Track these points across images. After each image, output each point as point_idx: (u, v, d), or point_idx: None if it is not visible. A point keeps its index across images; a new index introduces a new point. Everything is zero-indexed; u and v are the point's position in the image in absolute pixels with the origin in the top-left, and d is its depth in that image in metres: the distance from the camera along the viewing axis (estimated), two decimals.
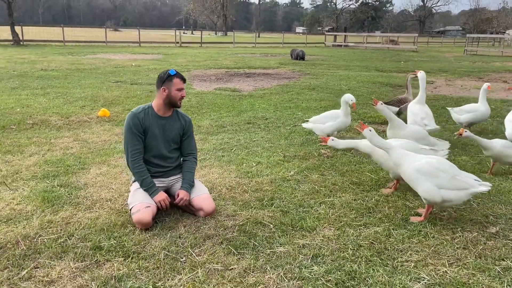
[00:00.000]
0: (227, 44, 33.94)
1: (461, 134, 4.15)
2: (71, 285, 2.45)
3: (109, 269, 2.61)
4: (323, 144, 4.05)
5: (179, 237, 3.03)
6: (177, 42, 30.23)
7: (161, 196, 3.30)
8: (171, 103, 3.38)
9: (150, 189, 3.29)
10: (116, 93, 9.04)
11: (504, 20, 63.64)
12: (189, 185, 3.43)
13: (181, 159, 3.62)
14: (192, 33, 45.96)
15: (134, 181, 3.43)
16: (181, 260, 2.74)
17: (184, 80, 3.37)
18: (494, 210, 3.60)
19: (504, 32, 50.89)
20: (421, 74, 5.73)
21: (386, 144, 3.54)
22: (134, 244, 2.90)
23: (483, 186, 3.22)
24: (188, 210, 3.44)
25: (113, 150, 5.11)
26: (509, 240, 3.10)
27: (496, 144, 4.39)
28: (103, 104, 7.84)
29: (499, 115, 7.57)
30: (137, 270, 2.61)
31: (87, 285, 2.45)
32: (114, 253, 2.79)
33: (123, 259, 2.73)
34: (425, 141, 4.49)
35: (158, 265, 2.67)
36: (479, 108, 6.08)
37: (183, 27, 40.87)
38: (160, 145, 3.43)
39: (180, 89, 3.34)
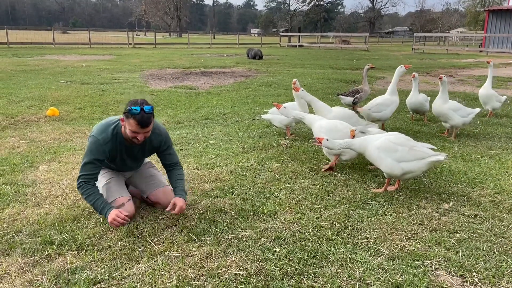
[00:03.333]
0: (182, 45, 33.50)
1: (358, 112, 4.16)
2: (20, 280, 2.29)
3: (61, 263, 2.46)
4: (317, 144, 3.74)
5: (137, 227, 2.92)
6: (130, 43, 29.48)
7: (113, 213, 2.86)
8: (126, 137, 2.96)
9: (103, 209, 2.89)
10: (66, 92, 8.66)
11: (448, 21, 67.13)
12: (184, 192, 3.11)
13: (165, 170, 3.26)
14: (145, 35, 45.00)
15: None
16: (139, 249, 2.63)
17: (143, 125, 2.75)
18: (446, 189, 3.74)
19: (449, 32, 53.66)
20: (400, 69, 5.87)
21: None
22: (88, 237, 2.76)
23: (440, 156, 3.45)
24: (146, 202, 3.32)
25: (64, 148, 4.87)
26: (461, 214, 3.23)
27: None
28: (52, 103, 7.47)
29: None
30: (92, 262, 2.48)
31: (37, 280, 2.29)
32: (66, 247, 2.64)
33: (76, 252, 2.58)
34: (352, 121, 4.60)
35: (115, 256, 2.55)
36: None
37: (136, 28, 39.88)
38: (128, 164, 3.16)
39: (134, 132, 2.80)
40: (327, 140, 3.69)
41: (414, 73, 6.36)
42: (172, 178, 3.19)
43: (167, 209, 2.96)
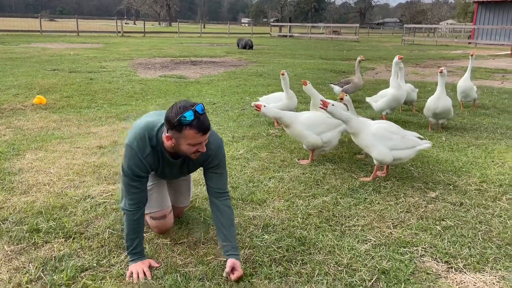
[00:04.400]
0: (171, 34, 33.14)
1: (342, 98, 3.91)
2: (6, 267, 2.27)
3: (48, 250, 2.45)
4: (256, 110, 3.79)
5: None
6: (119, 32, 29.08)
7: (140, 266, 2.27)
8: (181, 154, 2.29)
9: (134, 254, 2.30)
10: (53, 80, 8.53)
11: (437, 12, 67.39)
12: (235, 248, 2.31)
13: (210, 199, 2.43)
14: (134, 23, 44.42)
15: None
16: None
17: (205, 130, 2.12)
18: (433, 178, 3.79)
19: (438, 23, 53.88)
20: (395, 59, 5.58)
21: (346, 115, 3.60)
22: (76, 225, 2.74)
23: (427, 143, 3.63)
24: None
25: (51, 136, 4.81)
26: (447, 202, 3.27)
27: None
28: (39, 91, 7.36)
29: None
30: (79, 250, 2.46)
31: (24, 267, 2.27)
32: (53, 234, 2.62)
33: (63, 240, 2.57)
34: (320, 129, 4.54)
35: (103, 244, 2.54)
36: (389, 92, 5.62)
37: (125, 17, 39.31)
38: (168, 178, 2.66)
39: (195, 144, 2.16)
40: (264, 106, 3.83)
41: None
42: (221, 219, 2.34)
43: (226, 270, 2.24)
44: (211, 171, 2.39)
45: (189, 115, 2.06)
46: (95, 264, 2.32)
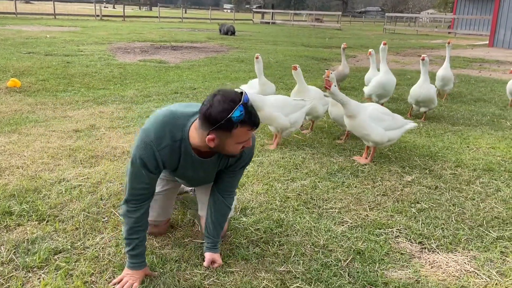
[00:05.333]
0: (152, 18, 32.50)
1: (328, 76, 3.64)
2: None
3: (20, 233, 2.39)
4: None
5: (101, 199, 2.86)
6: (97, 16, 28.38)
7: (137, 274, 2.02)
8: (223, 153, 2.01)
9: (133, 257, 2.02)
10: (28, 63, 8.28)
11: (418, 1, 67.91)
12: (215, 244, 2.22)
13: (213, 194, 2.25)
14: (114, 7, 43.36)
15: None
16: (103, 220, 2.59)
17: (257, 124, 1.86)
18: (410, 162, 3.85)
19: (419, 13, 54.36)
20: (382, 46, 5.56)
21: (345, 98, 3.62)
22: (50, 208, 2.69)
23: (412, 123, 3.82)
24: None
25: (25, 120, 4.69)
26: (423, 186, 3.33)
27: None
28: (13, 74, 7.14)
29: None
30: (53, 233, 2.42)
31: None
32: (26, 217, 2.56)
33: (37, 222, 2.51)
34: (322, 101, 4.57)
35: (77, 226, 2.50)
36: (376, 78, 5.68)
37: (104, 0, 38.33)
38: (190, 182, 2.36)
39: (245, 141, 1.90)
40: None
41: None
42: (213, 214, 2.21)
43: (204, 264, 2.17)
44: (232, 169, 2.14)
45: (239, 112, 1.76)
46: (69, 247, 2.28)
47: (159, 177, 2.12)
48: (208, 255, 2.19)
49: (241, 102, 1.77)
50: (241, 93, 1.81)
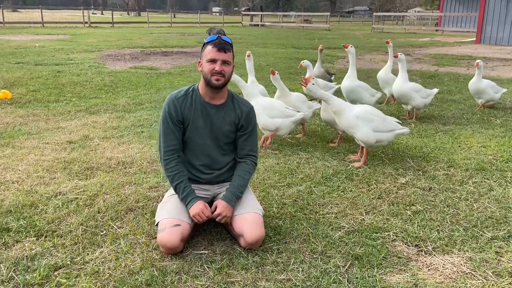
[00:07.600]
0: (141, 23, 32.44)
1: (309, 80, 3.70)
2: None
3: (19, 250, 2.39)
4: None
5: (98, 211, 2.86)
6: (86, 22, 28.23)
7: (197, 207, 2.41)
8: (206, 82, 2.49)
9: (185, 198, 2.45)
10: (18, 74, 8.23)
11: (405, 0, 68.45)
12: (234, 196, 2.50)
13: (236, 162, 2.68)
14: (102, 13, 43.20)
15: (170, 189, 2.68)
16: (101, 233, 2.59)
17: (219, 48, 2.42)
18: (403, 164, 3.89)
19: (406, 11, 54.82)
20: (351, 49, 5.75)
21: (326, 94, 3.77)
22: (47, 223, 2.68)
23: (404, 129, 3.86)
24: (229, 231, 2.61)
25: (18, 132, 4.66)
26: (417, 188, 3.37)
27: None
28: (4, 86, 7.09)
29: None
30: (52, 248, 2.42)
31: None
32: (24, 233, 2.56)
33: (35, 238, 2.51)
34: (306, 104, 4.67)
35: (76, 241, 2.50)
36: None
37: (92, 7, 38.14)
38: (206, 143, 2.57)
39: (212, 60, 2.42)
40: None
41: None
42: (240, 169, 2.61)
43: (210, 210, 2.48)
44: (245, 132, 2.61)
45: (211, 37, 2.44)
46: (68, 262, 2.29)
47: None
48: (217, 202, 2.49)
49: (219, 35, 2.46)
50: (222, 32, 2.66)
